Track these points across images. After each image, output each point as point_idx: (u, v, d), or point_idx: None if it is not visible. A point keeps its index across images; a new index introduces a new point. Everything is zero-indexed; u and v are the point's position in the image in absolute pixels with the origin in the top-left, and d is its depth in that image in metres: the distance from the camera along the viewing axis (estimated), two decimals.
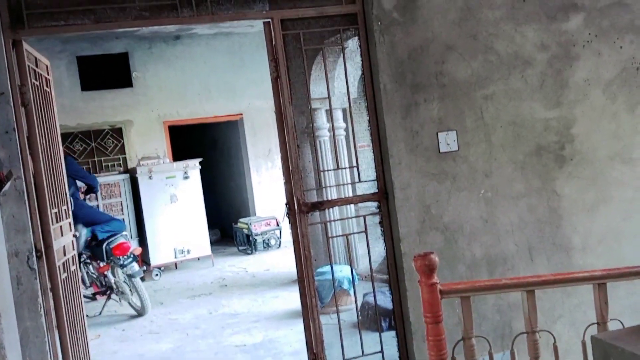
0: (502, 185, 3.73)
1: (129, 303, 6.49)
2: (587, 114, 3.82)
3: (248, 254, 9.22)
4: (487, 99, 3.71)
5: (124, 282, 6.41)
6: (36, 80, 3.59)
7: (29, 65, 3.44)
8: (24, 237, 3.26)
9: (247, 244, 9.30)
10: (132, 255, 6.40)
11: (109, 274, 6.46)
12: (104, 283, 6.60)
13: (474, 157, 3.70)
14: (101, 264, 6.45)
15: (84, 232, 6.37)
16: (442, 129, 3.66)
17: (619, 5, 3.83)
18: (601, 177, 3.85)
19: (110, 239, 6.42)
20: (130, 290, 6.42)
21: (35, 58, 3.66)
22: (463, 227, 3.69)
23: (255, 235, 9.18)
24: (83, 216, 6.33)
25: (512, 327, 3.71)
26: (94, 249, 6.48)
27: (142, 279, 6.61)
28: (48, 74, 3.96)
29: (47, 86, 3.88)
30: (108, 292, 6.58)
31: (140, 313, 6.43)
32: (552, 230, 3.80)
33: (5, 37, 3.28)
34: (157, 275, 6.65)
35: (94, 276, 6.67)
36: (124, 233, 6.63)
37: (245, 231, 9.29)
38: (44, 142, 3.56)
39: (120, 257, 6.31)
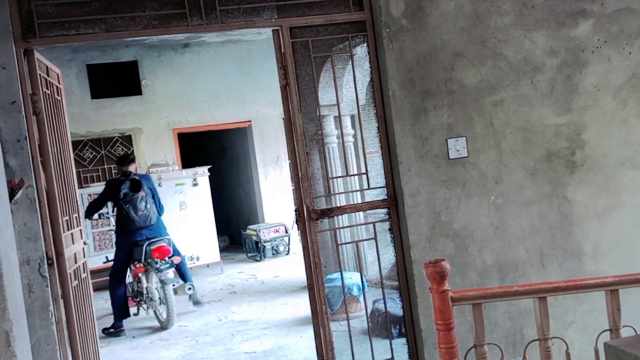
0: (512, 191, 3.72)
1: (155, 312, 6.27)
2: (597, 120, 3.81)
3: (257, 260, 9.23)
4: (497, 105, 3.71)
5: (156, 288, 6.22)
6: (47, 89, 3.62)
7: (40, 74, 3.47)
8: (35, 245, 3.28)
9: (256, 250, 9.31)
10: (170, 262, 6.26)
11: (142, 277, 6.29)
12: (135, 288, 6.47)
13: (484, 164, 3.70)
14: (137, 265, 6.30)
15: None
16: (452, 136, 3.66)
17: (628, 11, 3.82)
18: (612, 183, 3.83)
19: (152, 240, 6.30)
20: (160, 298, 6.18)
21: (47, 67, 3.69)
22: (474, 233, 3.68)
23: (264, 242, 9.18)
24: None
25: (523, 334, 3.69)
26: (134, 249, 6.31)
27: (175, 291, 6.40)
28: (59, 83, 4.00)
29: (58, 95, 3.91)
30: (138, 298, 6.45)
31: (164, 326, 6.15)
32: (564, 236, 3.78)
33: (16, 46, 3.31)
34: (189, 288, 6.50)
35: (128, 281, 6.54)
36: (166, 237, 6.50)
37: (254, 238, 9.30)
38: (55, 150, 3.59)
39: (158, 260, 6.17)
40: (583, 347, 3.54)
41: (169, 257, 6.26)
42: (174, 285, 6.28)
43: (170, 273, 6.22)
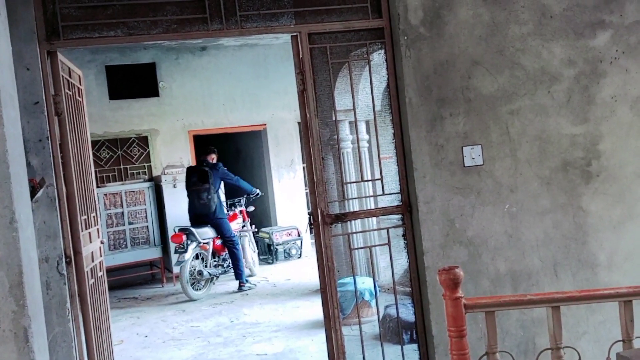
0: (527, 200, 3.72)
1: None
2: (614, 131, 3.81)
3: (269, 263, 9.27)
4: (513, 113, 3.71)
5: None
6: (69, 90, 3.68)
7: (62, 76, 3.53)
8: (54, 243, 3.34)
9: (269, 253, 9.36)
10: (184, 247, 7.29)
11: None
12: None
13: (499, 172, 3.71)
14: None
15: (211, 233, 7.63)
16: (467, 143, 3.67)
17: None
18: (628, 194, 3.82)
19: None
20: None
21: (69, 68, 3.76)
22: (487, 241, 3.69)
23: (277, 245, 9.23)
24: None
25: (535, 343, 3.69)
26: None
27: (201, 274, 7.47)
28: (80, 84, 4.06)
29: (79, 96, 3.97)
30: None
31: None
32: (578, 246, 3.77)
33: (40, 48, 3.37)
34: (249, 288, 7.70)
35: None
36: (219, 218, 7.69)
37: (267, 241, 9.35)
38: (75, 150, 3.65)
39: (176, 244, 7.39)
40: (595, 358, 3.54)
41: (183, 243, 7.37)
42: (184, 264, 7.27)
43: (184, 256, 7.21)
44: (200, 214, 7.62)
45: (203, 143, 10.39)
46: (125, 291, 8.22)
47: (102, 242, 4.12)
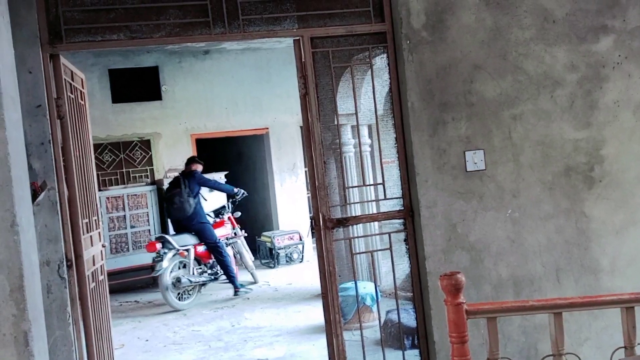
0: (529, 205, 3.71)
1: None
2: (616, 136, 3.79)
3: (270, 267, 9.26)
4: (516, 118, 3.71)
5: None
6: (72, 93, 3.69)
7: (65, 79, 3.53)
8: (55, 246, 3.34)
9: (270, 257, 9.34)
10: (160, 256, 7.09)
11: None
12: None
13: (502, 177, 3.69)
14: None
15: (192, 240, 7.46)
16: (470, 148, 3.66)
17: None
18: (631, 199, 3.81)
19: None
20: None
21: (72, 72, 3.76)
22: (489, 246, 3.68)
23: (278, 249, 9.22)
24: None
25: (537, 349, 3.67)
26: None
27: (179, 281, 7.16)
28: (83, 87, 4.06)
29: (81, 99, 3.98)
30: None
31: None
32: (580, 252, 3.76)
33: (43, 51, 3.38)
34: (245, 293, 7.68)
35: None
36: (201, 222, 7.58)
37: (268, 245, 9.33)
38: (77, 153, 3.65)
39: (154, 252, 7.22)
40: None
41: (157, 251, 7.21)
42: (159, 276, 7.10)
43: (161, 266, 7.02)
44: (178, 219, 7.54)
45: (205, 146, 10.42)
46: (126, 295, 8.21)
47: (103, 246, 4.12)
